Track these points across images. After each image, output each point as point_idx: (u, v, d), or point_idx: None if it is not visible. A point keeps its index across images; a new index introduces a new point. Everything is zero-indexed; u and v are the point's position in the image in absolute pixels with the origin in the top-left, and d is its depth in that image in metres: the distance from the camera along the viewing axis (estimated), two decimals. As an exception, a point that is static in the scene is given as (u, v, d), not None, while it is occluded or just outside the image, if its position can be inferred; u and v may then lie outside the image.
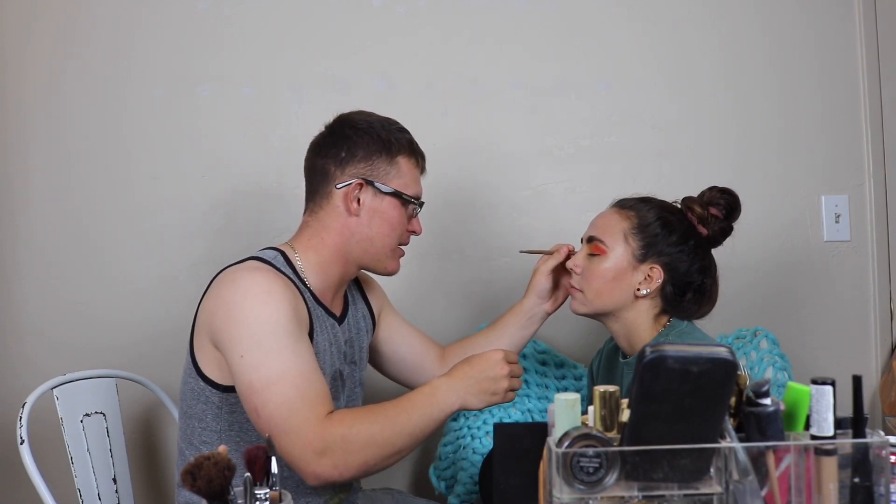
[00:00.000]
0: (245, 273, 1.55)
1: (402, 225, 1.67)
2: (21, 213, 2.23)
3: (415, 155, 1.69)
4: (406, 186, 1.66)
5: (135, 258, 2.23)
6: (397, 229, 1.67)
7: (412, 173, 1.68)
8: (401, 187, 1.66)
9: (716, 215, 1.71)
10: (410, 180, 1.67)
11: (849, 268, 2.36)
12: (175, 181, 2.24)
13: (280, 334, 1.49)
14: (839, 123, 2.36)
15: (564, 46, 2.33)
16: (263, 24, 2.28)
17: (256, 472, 1.07)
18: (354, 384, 1.74)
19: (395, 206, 1.65)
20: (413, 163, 1.68)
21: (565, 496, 0.98)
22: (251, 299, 1.50)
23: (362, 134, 1.66)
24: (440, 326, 2.30)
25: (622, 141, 2.33)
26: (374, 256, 1.67)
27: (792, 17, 2.35)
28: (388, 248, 1.67)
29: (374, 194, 1.64)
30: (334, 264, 1.66)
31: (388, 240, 1.66)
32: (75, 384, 1.82)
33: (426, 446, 2.31)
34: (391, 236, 1.66)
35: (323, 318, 1.64)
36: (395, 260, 1.69)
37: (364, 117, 1.70)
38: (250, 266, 1.57)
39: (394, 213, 1.66)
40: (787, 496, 1.02)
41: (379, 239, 1.66)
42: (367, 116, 1.70)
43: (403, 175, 1.66)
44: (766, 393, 1.02)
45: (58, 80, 2.23)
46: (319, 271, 1.66)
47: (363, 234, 1.65)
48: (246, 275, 1.54)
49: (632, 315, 1.70)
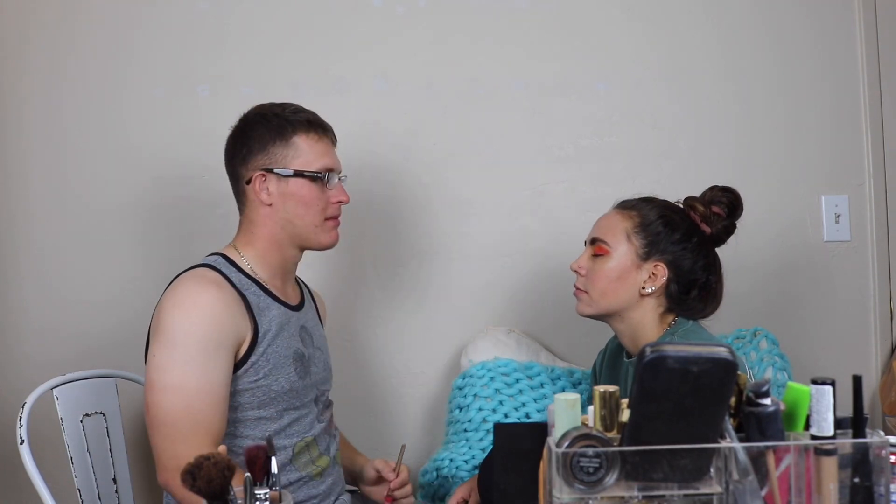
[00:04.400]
0: (184, 281, 1.64)
1: (319, 200, 1.70)
2: (21, 213, 2.23)
3: (313, 129, 1.71)
4: (308, 163, 1.70)
5: (135, 258, 2.23)
6: (313, 206, 1.70)
7: (314, 148, 1.71)
8: (302, 165, 1.69)
9: (718, 213, 1.71)
10: (313, 156, 1.70)
11: (849, 268, 2.36)
12: (175, 181, 2.24)
13: (192, 347, 1.55)
14: (839, 123, 2.36)
15: (564, 46, 2.33)
16: (263, 24, 2.28)
17: (256, 472, 1.07)
18: (324, 368, 1.80)
19: (302, 186, 1.69)
20: (314, 137, 1.71)
21: (565, 496, 0.98)
22: (177, 307, 1.59)
23: (254, 126, 1.71)
24: (440, 327, 2.30)
25: (622, 141, 2.33)
26: (302, 235, 1.72)
27: (792, 17, 2.35)
28: (311, 224, 1.71)
29: (277, 180, 1.69)
30: (272, 252, 1.72)
31: (308, 218, 1.70)
32: (75, 384, 1.82)
33: (426, 446, 2.31)
34: (309, 214, 1.70)
35: (273, 306, 1.69)
36: (326, 233, 1.73)
37: (258, 110, 1.74)
38: (194, 274, 1.65)
39: (304, 192, 1.69)
40: (787, 496, 1.02)
41: (298, 219, 1.70)
42: (260, 109, 1.74)
43: (303, 153, 1.69)
44: (766, 393, 1.02)
45: (58, 80, 2.23)
46: (262, 263, 1.72)
47: (283, 218, 1.70)
48: (183, 283, 1.63)
49: (637, 315, 1.70)
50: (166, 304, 1.60)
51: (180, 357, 1.55)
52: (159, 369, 1.56)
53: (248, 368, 1.62)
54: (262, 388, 1.64)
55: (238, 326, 1.61)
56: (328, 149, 1.74)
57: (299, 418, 1.69)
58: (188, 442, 1.51)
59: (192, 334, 1.56)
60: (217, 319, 1.58)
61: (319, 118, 1.74)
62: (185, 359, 1.55)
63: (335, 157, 1.75)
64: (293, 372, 1.67)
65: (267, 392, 1.64)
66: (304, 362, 1.71)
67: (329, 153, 1.73)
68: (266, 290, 1.70)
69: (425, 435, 2.31)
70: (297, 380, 1.68)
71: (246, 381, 1.63)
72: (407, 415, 2.30)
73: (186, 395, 1.54)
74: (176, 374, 1.54)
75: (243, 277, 1.68)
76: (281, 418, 1.66)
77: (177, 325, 1.57)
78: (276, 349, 1.66)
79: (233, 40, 2.27)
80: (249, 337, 1.63)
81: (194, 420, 1.53)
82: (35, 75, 2.23)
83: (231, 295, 1.63)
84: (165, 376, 1.55)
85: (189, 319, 1.57)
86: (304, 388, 1.70)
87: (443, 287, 2.31)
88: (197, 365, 1.55)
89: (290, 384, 1.67)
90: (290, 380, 1.66)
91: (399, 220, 2.31)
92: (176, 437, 1.53)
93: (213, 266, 1.67)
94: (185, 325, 1.56)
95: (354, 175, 2.23)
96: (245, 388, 1.63)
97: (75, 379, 1.83)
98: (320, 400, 1.77)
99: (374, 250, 2.30)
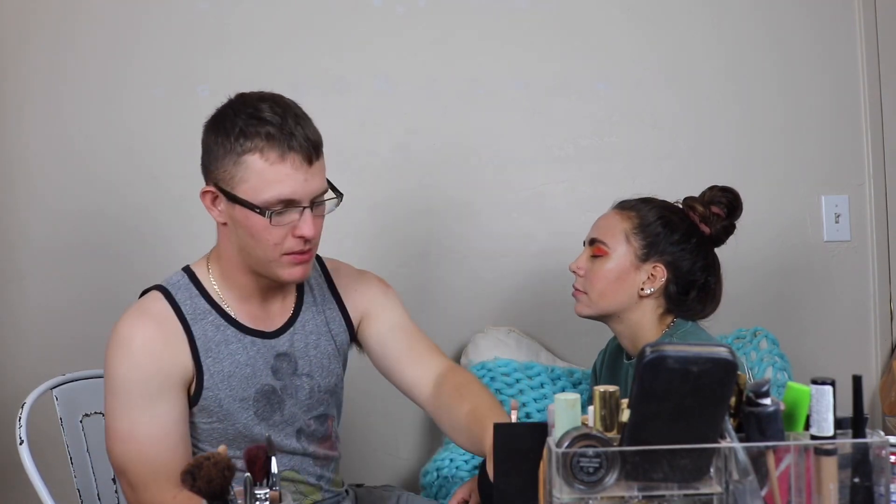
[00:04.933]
0: (123, 320, 1.49)
1: (268, 234, 1.40)
2: (21, 213, 2.23)
3: (273, 147, 1.37)
4: (255, 191, 1.38)
5: (135, 258, 2.23)
6: (262, 239, 1.41)
7: (267, 174, 1.37)
8: (247, 193, 1.38)
9: (717, 214, 1.71)
10: (262, 182, 1.37)
11: (849, 268, 2.36)
12: (175, 181, 2.24)
13: (134, 393, 1.43)
14: (839, 123, 2.36)
15: (564, 46, 2.33)
16: (263, 24, 2.28)
17: (256, 472, 1.07)
18: (310, 395, 1.59)
19: (248, 215, 1.40)
20: (271, 158, 1.37)
21: (565, 496, 0.98)
22: (112, 351, 1.46)
23: (211, 130, 1.44)
24: (440, 327, 2.29)
25: (622, 141, 2.33)
26: (259, 266, 1.47)
27: (792, 17, 2.35)
28: (265, 258, 1.44)
29: (226, 201, 1.42)
30: (237, 274, 1.51)
31: (260, 250, 1.43)
32: (75, 384, 1.81)
33: (426, 446, 2.31)
34: (260, 246, 1.42)
35: (234, 340, 1.51)
36: (284, 268, 1.45)
37: (232, 103, 1.44)
38: (137, 307, 1.51)
39: (250, 223, 1.40)
40: (786, 496, 1.02)
41: (251, 249, 1.44)
42: (235, 102, 1.44)
43: (251, 177, 1.38)
44: (766, 393, 1.02)
45: (58, 80, 2.23)
46: (229, 284, 1.53)
47: (237, 243, 1.46)
48: (123, 320, 1.49)
49: (636, 316, 1.70)
50: (109, 344, 1.47)
51: (124, 403, 1.44)
52: (108, 415, 1.46)
53: (199, 411, 1.51)
54: (216, 430, 1.52)
55: (181, 365, 1.47)
56: (288, 174, 1.38)
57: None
58: (150, 489, 1.43)
59: (130, 380, 1.43)
60: (156, 361, 1.44)
61: (287, 129, 1.39)
62: (128, 405, 1.44)
63: (298, 181, 1.39)
64: (252, 415, 1.52)
65: (224, 434, 1.51)
66: (271, 400, 1.53)
67: (288, 179, 1.38)
68: (230, 318, 1.52)
69: (425, 435, 2.31)
70: (256, 423, 1.52)
71: (199, 419, 1.52)
72: (407, 415, 2.30)
73: (137, 442, 1.43)
74: (124, 422, 1.44)
75: (203, 303, 1.51)
76: None
77: (115, 369, 1.45)
78: (230, 391, 1.50)
79: (233, 40, 2.27)
80: (196, 378, 1.49)
81: (150, 466, 1.42)
82: (35, 75, 2.23)
83: (172, 331, 1.47)
84: (115, 423, 1.45)
85: (125, 364, 1.44)
86: (271, 428, 1.53)
87: (443, 287, 2.31)
88: (142, 410, 1.43)
89: (247, 430, 1.51)
90: (246, 425, 1.51)
91: (399, 220, 2.31)
92: (136, 484, 1.44)
93: (167, 290, 1.51)
94: (121, 370, 1.44)
95: (354, 175, 2.24)
96: (200, 427, 1.52)
97: (75, 379, 1.82)
98: (305, 432, 1.59)
99: (375, 250, 2.30)
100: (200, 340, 1.49)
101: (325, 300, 1.64)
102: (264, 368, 1.54)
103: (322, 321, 1.63)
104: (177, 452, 1.45)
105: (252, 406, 1.52)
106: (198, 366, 1.49)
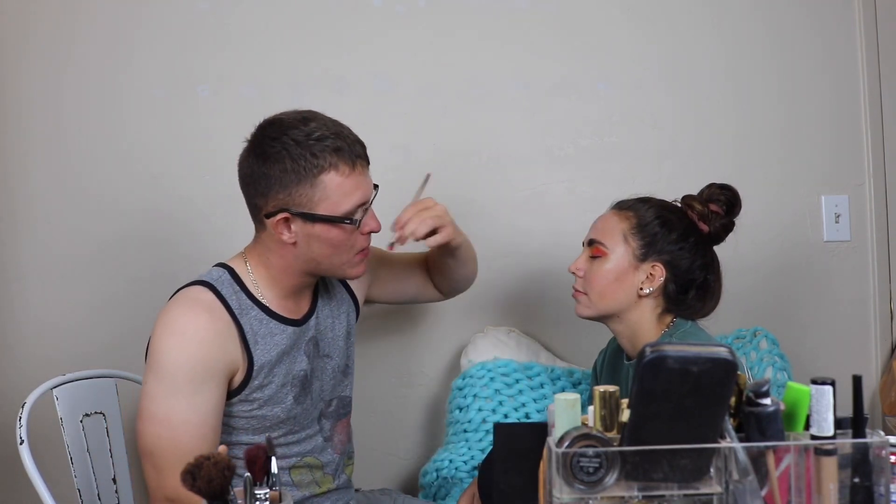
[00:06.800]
0: (174, 307, 1.56)
1: (346, 240, 1.57)
2: (21, 213, 2.23)
3: (343, 161, 1.53)
4: (336, 206, 1.53)
5: (135, 258, 2.23)
6: (342, 247, 1.57)
7: (344, 186, 1.53)
8: (329, 209, 1.53)
9: (716, 212, 1.71)
10: (341, 195, 1.53)
11: (849, 268, 2.36)
12: (175, 181, 2.24)
13: (180, 379, 1.49)
14: (839, 123, 2.36)
15: (564, 46, 2.33)
16: (263, 24, 2.27)
17: (256, 472, 1.07)
18: (332, 375, 1.72)
19: (329, 230, 1.55)
20: (344, 172, 1.53)
21: (565, 496, 0.98)
22: (166, 337, 1.52)
23: (274, 164, 1.52)
24: (440, 327, 2.30)
25: (622, 141, 2.33)
26: (329, 271, 1.62)
27: (792, 17, 2.35)
28: (338, 263, 1.60)
29: (303, 222, 1.54)
30: (286, 277, 1.62)
31: (336, 258, 1.58)
32: (75, 384, 1.82)
33: (426, 446, 2.31)
34: (337, 254, 1.58)
35: (277, 331, 1.61)
36: (354, 267, 1.62)
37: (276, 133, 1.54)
38: (187, 296, 1.57)
39: (331, 236, 1.55)
40: (786, 496, 1.02)
41: (325, 259, 1.58)
42: (280, 132, 1.54)
43: (331, 194, 1.52)
44: (766, 393, 1.02)
45: (58, 80, 2.23)
46: (273, 284, 1.63)
47: (307, 256, 1.58)
48: (175, 307, 1.56)
49: (635, 316, 1.70)
50: (157, 329, 1.54)
51: (167, 388, 1.49)
52: (147, 397, 1.51)
53: (242, 399, 1.58)
54: (256, 417, 1.60)
55: (230, 356, 1.55)
56: (359, 181, 1.55)
57: (298, 441, 1.65)
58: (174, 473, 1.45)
59: (180, 365, 1.49)
60: (207, 350, 1.51)
61: (346, 138, 1.54)
62: (172, 390, 1.49)
63: (366, 183, 1.57)
64: (291, 400, 1.62)
65: (262, 421, 1.60)
66: (304, 384, 1.65)
67: (359, 185, 1.55)
68: (271, 312, 1.62)
69: (425, 435, 2.31)
70: (294, 406, 1.62)
71: (240, 409, 1.59)
72: (407, 415, 2.30)
73: (171, 428, 1.48)
74: (162, 406, 1.49)
75: (245, 299, 1.60)
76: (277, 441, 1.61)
77: (165, 354, 1.51)
78: (275, 379, 1.60)
79: (233, 40, 2.27)
80: (244, 368, 1.57)
81: (180, 452, 1.44)
82: (35, 75, 2.23)
83: (224, 322, 1.55)
84: (152, 405, 1.50)
85: (177, 349, 1.50)
86: (303, 412, 1.65)
87: (443, 287, 2.31)
88: (184, 397, 1.49)
89: (286, 413, 1.62)
90: (286, 409, 1.62)
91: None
92: (162, 468, 1.48)
93: (211, 285, 1.58)
94: (173, 354, 1.50)
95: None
96: (239, 416, 1.59)
97: (75, 379, 1.82)
98: (328, 413, 1.72)
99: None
100: (249, 333, 1.58)
101: (333, 284, 1.77)
102: (300, 354, 1.65)
103: (335, 304, 1.76)
104: (207, 441, 1.51)
105: (291, 391, 1.62)
106: (248, 356, 1.57)
